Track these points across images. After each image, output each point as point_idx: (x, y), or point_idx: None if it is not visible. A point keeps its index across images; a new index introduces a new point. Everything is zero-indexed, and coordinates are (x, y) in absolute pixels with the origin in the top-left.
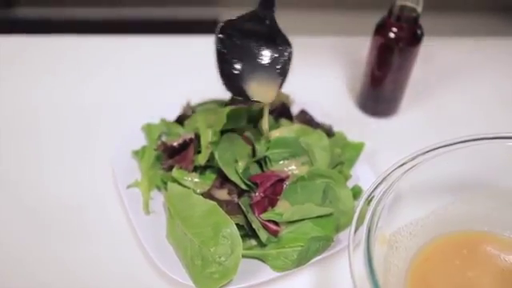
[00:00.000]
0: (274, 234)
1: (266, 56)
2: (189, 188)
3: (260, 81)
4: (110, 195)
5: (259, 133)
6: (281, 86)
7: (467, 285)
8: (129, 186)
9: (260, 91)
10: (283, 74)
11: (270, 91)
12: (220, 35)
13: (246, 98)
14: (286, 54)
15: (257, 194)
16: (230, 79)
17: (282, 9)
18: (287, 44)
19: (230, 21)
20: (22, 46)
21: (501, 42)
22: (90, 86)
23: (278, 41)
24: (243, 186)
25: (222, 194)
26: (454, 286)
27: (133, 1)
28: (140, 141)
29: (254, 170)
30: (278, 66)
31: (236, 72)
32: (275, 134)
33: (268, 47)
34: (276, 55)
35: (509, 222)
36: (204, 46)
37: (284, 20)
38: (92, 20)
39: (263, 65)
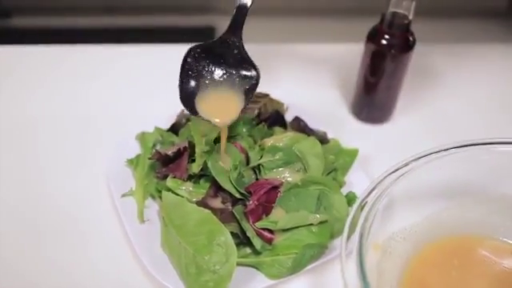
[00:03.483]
0: (269, 241)
1: (230, 79)
2: (183, 197)
3: (221, 100)
4: (105, 204)
5: (253, 141)
6: (243, 109)
7: None
8: (123, 195)
9: (219, 111)
10: (247, 96)
11: (229, 111)
12: (187, 58)
13: (204, 119)
14: (251, 77)
15: (251, 202)
16: (188, 96)
17: (275, 17)
18: (254, 68)
19: (200, 45)
20: (18, 55)
21: (493, 47)
22: (85, 95)
23: (244, 65)
24: (237, 195)
25: (216, 202)
26: None
27: (129, 10)
28: (134, 150)
29: (249, 178)
30: (242, 89)
31: (195, 89)
32: (269, 141)
33: (234, 70)
34: (241, 78)
35: (501, 226)
36: None
37: (277, 28)
38: (88, 29)
39: (226, 87)
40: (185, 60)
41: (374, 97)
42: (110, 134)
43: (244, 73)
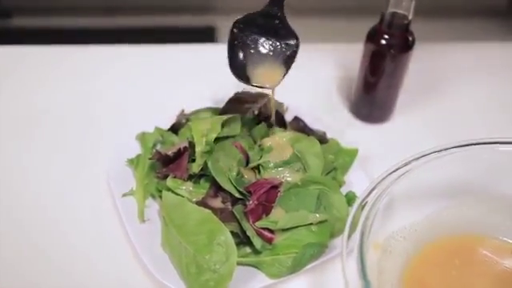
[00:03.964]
0: (269, 241)
1: (272, 47)
2: (183, 197)
3: (266, 67)
4: (105, 204)
5: (252, 141)
6: (285, 72)
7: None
8: (124, 195)
9: (265, 77)
10: (288, 62)
11: (274, 76)
12: (234, 29)
13: (252, 84)
14: (292, 45)
15: (251, 201)
16: (238, 67)
17: None
18: (294, 37)
19: (244, 16)
20: (18, 56)
21: (493, 46)
22: (85, 96)
23: (285, 34)
24: (237, 195)
25: (216, 202)
26: None
27: (129, 10)
28: (135, 149)
29: (249, 177)
30: (283, 56)
31: (243, 60)
32: (268, 141)
33: (276, 39)
34: (282, 46)
35: (502, 226)
36: (200, 55)
37: None
38: (88, 29)
39: (269, 54)
40: (232, 32)
41: (373, 96)
42: (110, 133)
43: (285, 41)
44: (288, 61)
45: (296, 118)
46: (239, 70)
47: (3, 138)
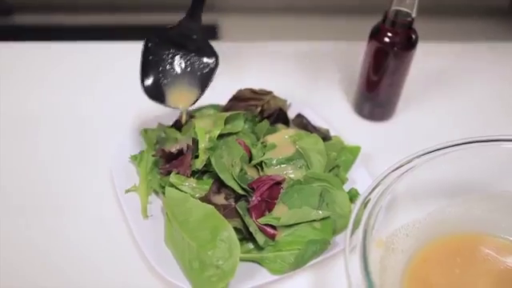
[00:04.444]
0: (272, 237)
1: (189, 64)
2: (186, 193)
3: (181, 87)
4: (109, 200)
5: (256, 138)
6: (201, 94)
7: (464, 286)
8: (127, 191)
9: (180, 97)
10: (205, 81)
11: (189, 96)
12: (148, 43)
13: (165, 104)
14: (209, 63)
15: (254, 198)
16: (151, 85)
17: (279, 15)
18: (213, 55)
19: (159, 31)
20: (19, 52)
21: (495, 45)
22: (88, 92)
23: (203, 51)
24: (240, 191)
25: (219, 198)
26: (451, 287)
27: (132, 7)
28: (138, 146)
29: (252, 174)
30: (200, 75)
31: (157, 77)
32: (271, 138)
33: (193, 56)
34: (200, 63)
35: (505, 224)
36: None
37: (280, 26)
38: (90, 27)
39: (186, 72)
40: (146, 47)
41: (376, 94)
42: (113, 130)
43: (203, 58)
44: (205, 81)
45: (299, 116)
46: (152, 88)
47: (4, 134)
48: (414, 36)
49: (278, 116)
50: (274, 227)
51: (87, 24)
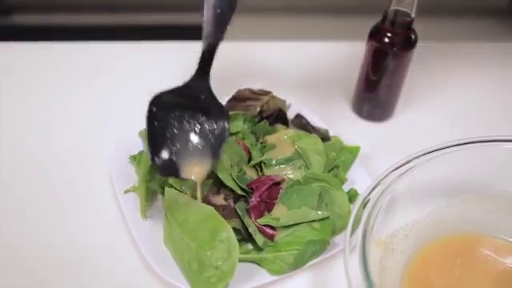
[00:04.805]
0: (271, 238)
1: (199, 133)
2: (185, 193)
3: (192, 160)
4: (108, 200)
5: (255, 138)
6: (215, 160)
7: (464, 287)
8: (126, 191)
9: (192, 171)
10: (216, 151)
11: (201, 171)
12: (152, 107)
13: (178, 177)
14: (220, 126)
15: (253, 198)
16: (161, 159)
17: (278, 15)
18: (223, 117)
19: (163, 93)
20: (19, 52)
21: (494, 45)
22: (87, 92)
23: (213, 112)
24: (239, 192)
25: (219, 199)
26: (450, 287)
27: (131, 7)
28: (137, 146)
29: (251, 175)
30: (210, 137)
31: (166, 149)
32: (270, 139)
33: (202, 122)
34: (210, 126)
35: (504, 225)
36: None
37: (279, 26)
38: (90, 26)
39: (196, 144)
40: (150, 112)
41: (375, 94)
42: (112, 130)
43: (213, 119)
44: (217, 144)
45: (298, 116)
46: (164, 163)
47: (3, 134)
48: (413, 36)
49: (278, 116)
50: (273, 228)
51: (87, 24)
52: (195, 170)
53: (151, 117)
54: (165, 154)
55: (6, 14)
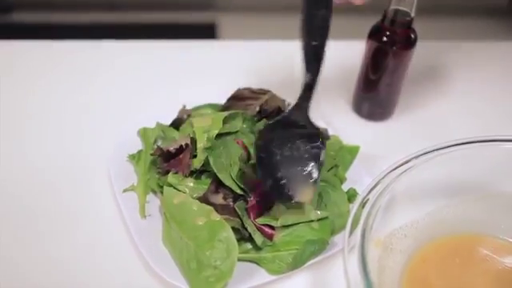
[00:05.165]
0: (270, 237)
1: (301, 158)
2: (184, 192)
3: (300, 183)
4: (106, 199)
5: (253, 137)
6: (318, 184)
7: (463, 286)
8: (125, 190)
9: (302, 193)
10: (318, 172)
11: (309, 192)
12: (259, 141)
13: (291, 201)
14: (317, 145)
15: (252, 198)
16: (275, 186)
17: (278, 14)
18: (320, 140)
19: (267, 127)
20: (19, 51)
21: (494, 45)
22: (86, 90)
23: (311, 137)
24: (238, 191)
25: (218, 198)
26: (449, 287)
27: (131, 6)
28: (136, 145)
29: (250, 174)
30: (307, 157)
31: (281, 180)
32: None
33: (303, 147)
34: (305, 146)
35: (503, 225)
36: (201, 51)
37: (279, 25)
38: (89, 25)
39: (301, 169)
40: (257, 146)
41: (375, 94)
42: (111, 129)
43: (309, 142)
44: (315, 161)
45: None
46: (275, 188)
47: (2, 132)
48: (413, 35)
49: (277, 115)
50: (272, 227)
51: (87, 22)
52: (304, 192)
53: (259, 150)
54: (274, 182)
55: (5, 12)
